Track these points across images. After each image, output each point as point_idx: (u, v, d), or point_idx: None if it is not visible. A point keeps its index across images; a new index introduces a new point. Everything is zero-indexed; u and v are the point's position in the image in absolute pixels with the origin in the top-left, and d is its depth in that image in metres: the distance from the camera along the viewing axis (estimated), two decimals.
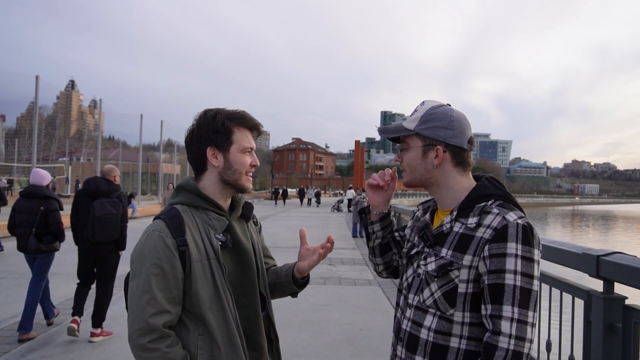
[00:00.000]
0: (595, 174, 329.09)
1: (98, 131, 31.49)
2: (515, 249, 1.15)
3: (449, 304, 1.22)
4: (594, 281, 2.28)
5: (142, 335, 1.32)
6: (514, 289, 1.13)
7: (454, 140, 1.30)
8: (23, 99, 20.81)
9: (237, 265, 1.50)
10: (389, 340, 1.41)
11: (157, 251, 1.36)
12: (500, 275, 1.15)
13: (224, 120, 1.48)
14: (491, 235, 1.18)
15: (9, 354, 4.14)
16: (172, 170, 34.30)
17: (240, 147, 1.49)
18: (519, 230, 1.16)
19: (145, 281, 1.35)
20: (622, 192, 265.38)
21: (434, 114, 1.31)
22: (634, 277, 2.01)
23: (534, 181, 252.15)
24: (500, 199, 1.26)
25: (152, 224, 1.44)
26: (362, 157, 47.50)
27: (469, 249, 1.21)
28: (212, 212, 1.49)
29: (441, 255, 1.26)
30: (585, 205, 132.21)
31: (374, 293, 6.83)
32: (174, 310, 1.37)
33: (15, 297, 6.13)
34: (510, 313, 1.12)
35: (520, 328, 1.12)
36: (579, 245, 2.48)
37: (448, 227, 1.28)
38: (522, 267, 1.14)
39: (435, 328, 1.24)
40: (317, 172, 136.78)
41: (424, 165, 1.33)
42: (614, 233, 37.80)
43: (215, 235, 1.46)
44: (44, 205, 4.75)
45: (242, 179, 1.51)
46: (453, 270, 1.22)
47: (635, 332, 2.04)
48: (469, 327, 1.21)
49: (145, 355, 1.32)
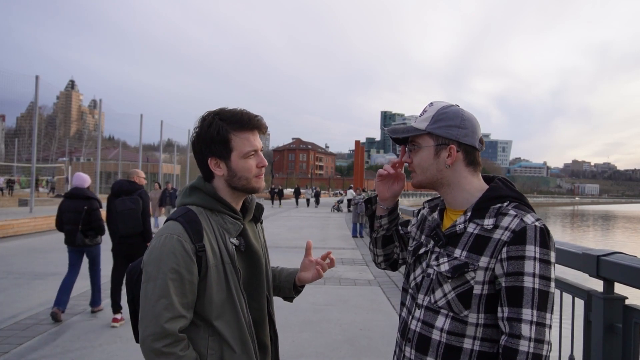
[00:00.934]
0: (595, 174, 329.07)
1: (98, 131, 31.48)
2: (534, 252, 1.15)
3: (464, 306, 1.21)
4: (594, 281, 2.28)
5: (156, 339, 1.31)
6: (533, 291, 1.13)
7: (466, 139, 1.29)
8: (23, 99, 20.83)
9: (249, 269, 1.49)
10: (389, 340, 1.42)
11: (176, 256, 1.33)
12: (519, 277, 1.14)
13: (220, 128, 1.41)
14: (509, 237, 1.17)
15: (9, 354, 4.13)
16: (172, 170, 34.28)
17: (241, 153, 1.43)
18: (537, 233, 1.16)
19: (163, 286, 1.32)
20: (622, 192, 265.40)
21: (445, 113, 1.30)
22: (634, 277, 2.01)
23: (534, 181, 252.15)
24: (515, 201, 1.25)
25: (168, 226, 1.39)
26: (362, 157, 47.48)
27: (486, 251, 1.19)
28: (228, 216, 1.46)
29: (454, 256, 1.24)
30: (585, 206, 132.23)
31: (374, 293, 6.82)
32: (189, 314, 1.36)
33: (15, 297, 6.13)
34: (529, 316, 1.12)
35: (539, 331, 1.12)
36: (579, 245, 2.48)
37: (462, 227, 1.26)
38: (540, 270, 1.14)
39: (448, 329, 1.22)
40: (317, 172, 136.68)
41: (436, 165, 1.31)
42: (614, 233, 37.80)
43: (230, 239, 1.44)
44: (87, 204, 5.37)
45: (251, 182, 1.46)
46: (469, 272, 1.20)
47: (635, 332, 2.04)
48: (483, 329, 1.20)
49: (159, 359, 1.31)
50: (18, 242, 11.47)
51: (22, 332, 4.71)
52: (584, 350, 2.29)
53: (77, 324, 5.04)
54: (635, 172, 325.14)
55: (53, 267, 8.13)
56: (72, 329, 4.84)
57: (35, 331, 4.73)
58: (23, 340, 4.48)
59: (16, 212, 16.78)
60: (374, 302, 6.29)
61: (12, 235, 12.33)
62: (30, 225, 13.36)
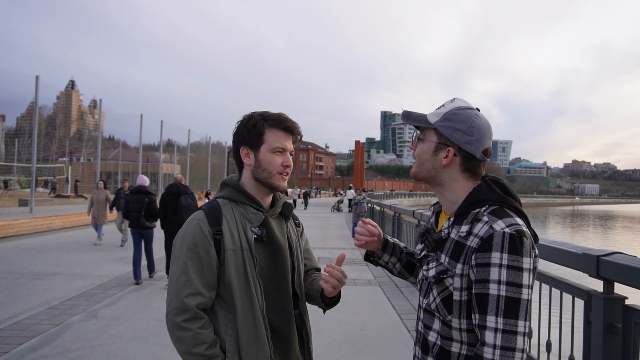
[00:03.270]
0: (595, 174, 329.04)
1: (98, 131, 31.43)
2: (499, 259, 1.12)
3: (447, 311, 1.22)
4: (594, 281, 2.28)
5: (177, 314, 1.43)
6: (498, 299, 1.11)
7: (468, 146, 1.27)
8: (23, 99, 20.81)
9: (270, 259, 1.55)
10: (389, 340, 1.42)
11: (194, 237, 1.47)
12: (485, 285, 1.13)
13: (257, 121, 1.56)
14: (477, 245, 1.16)
15: (9, 354, 4.13)
16: (172, 170, 34.27)
17: (270, 147, 1.55)
18: (506, 240, 1.13)
19: (183, 264, 1.46)
20: (622, 192, 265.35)
21: (457, 115, 1.28)
22: (634, 277, 2.01)
23: (534, 181, 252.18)
24: (495, 204, 1.23)
25: (194, 215, 1.55)
26: (362, 157, 47.50)
27: (461, 258, 1.20)
28: (250, 207, 1.56)
29: (440, 261, 1.26)
30: (585, 206, 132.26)
31: (374, 293, 6.83)
32: (208, 294, 1.46)
33: (15, 297, 6.13)
34: (494, 323, 1.11)
35: (507, 338, 1.09)
36: (579, 246, 2.48)
37: (446, 232, 1.27)
38: (507, 277, 1.11)
39: (441, 332, 1.25)
40: (317, 172, 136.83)
41: (433, 162, 1.31)
42: (614, 233, 37.79)
43: (251, 228, 1.53)
44: (147, 198, 7.40)
45: (273, 178, 1.56)
46: (447, 278, 1.22)
47: (635, 332, 2.04)
48: (467, 334, 1.20)
49: (179, 333, 1.42)
50: (18, 242, 11.47)
51: (22, 332, 4.71)
52: (584, 350, 2.29)
53: (77, 324, 5.03)
54: (635, 172, 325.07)
55: (53, 267, 8.14)
56: (72, 329, 4.83)
57: (35, 331, 4.73)
58: (23, 340, 4.48)
59: (16, 212, 16.76)
60: (374, 302, 6.29)
61: (12, 235, 12.32)
62: (30, 225, 13.36)
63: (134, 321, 5.12)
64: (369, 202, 16.48)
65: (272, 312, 1.53)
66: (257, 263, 1.51)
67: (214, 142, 40.34)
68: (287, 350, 1.56)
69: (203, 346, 1.41)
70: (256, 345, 1.46)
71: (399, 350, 4.49)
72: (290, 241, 1.65)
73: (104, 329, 4.84)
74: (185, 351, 1.43)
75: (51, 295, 6.14)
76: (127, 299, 6.09)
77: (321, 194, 73.44)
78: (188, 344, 1.42)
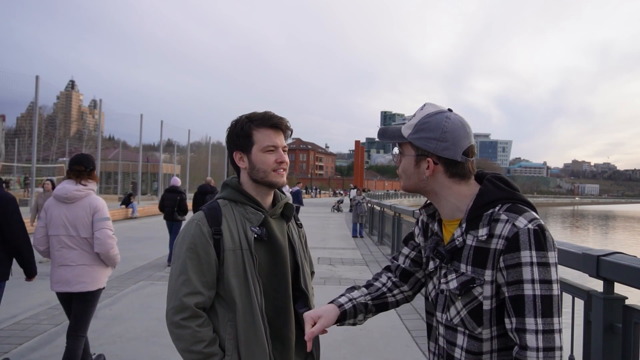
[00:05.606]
0: (595, 174, 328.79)
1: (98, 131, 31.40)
2: (529, 257, 1.10)
3: (476, 323, 1.18)
4: (594, 281, 2.28)
5: (176, 312, 1.45)
6: (534, 298, 1.09)
7: (445, 152, 1.22)
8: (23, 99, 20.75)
9: (270, 259, 1.56)
10: (389, 340, 1.42)
11: (194, 237, 1.49)
12: (519, 286, 1.10)
13: (244, 124, 1.58)
14: (504, 246, 1.13)
15: (9, 354, 4.14)
16: (172, 170, 34.26)
17: (260, 146, 1.57)
18: (531, 236, 1.11)
19: (182, 264, 1.48)
20: (622, 192, 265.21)
21: (427, 124, 1.24)
22: (634, 277, 2.01)
23: (534, 181, 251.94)
24: (507, 202, 1.19)
25: (194, 215, 1.58)
26: (362, 157, 47.54)
27: (487, 263, 1.16)
28: (250, 207, 1.58)
29: (461, 271, 1.21)
30: (585, 206, 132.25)
31: None
32: (207, 293, 1.48)
33: (15, 297, 6.11)
34: (533, 325, 1.08)
35: (547, 338, 1.08)
36: (579, 245, 2.48)
37: (460, 241, 1.22)
38: (539, 275, 1.09)
39: (467, 348, 1.20)
40: (317, 172, 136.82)
41: (417, 174, 1.28)
42: (614, 233, 37.78)
43: (251, 227, 1.54)
44: (179, 196, 9.13)
45: (269, 176, 1.58)
46: (476, 287, 1.17)
47: (635, 332, 2.04)
48: (498, 339, 1.18)
49: (178, 332, 1.44)
50: None
51: (22, 332, 4.72)
52: (584, 350, 2.29)
53: None
54: (635, 172, 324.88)
55: None
56: None
57: (35, 331, 4.73)
58: (23, 340, 4.49)
59: None
60: None
61: None
62: (30, 225, 13.35)
63: (134, 321, 5.12)
64: (368, 202, 16.49)
65: (271, 311, 1.54)
66: (257, 262, 1.52)
67: (214, 142, 40.30)
68: (286, 350, 1.56)
69: (202, 344, 1.43)
70: (255, 344, 1.47)
71: (399, 351, 4.48)
72: (292, 241, 1.65)
73: (104, 329, 4.85)
74: (185, 349, 1.44)
75: (51, 295, 6.11)
76: (127, 299, 6.09)
77: (321, 194, 73.45)
78: (187, 341, 1.43)
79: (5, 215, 3.37)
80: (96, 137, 31.42)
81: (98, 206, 3.38)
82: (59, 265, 3.36)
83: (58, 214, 3.33)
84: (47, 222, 3.38)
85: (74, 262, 3.32)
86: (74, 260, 3.32)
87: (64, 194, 3.33)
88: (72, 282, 3.31)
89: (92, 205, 3.37)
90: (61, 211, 3.33)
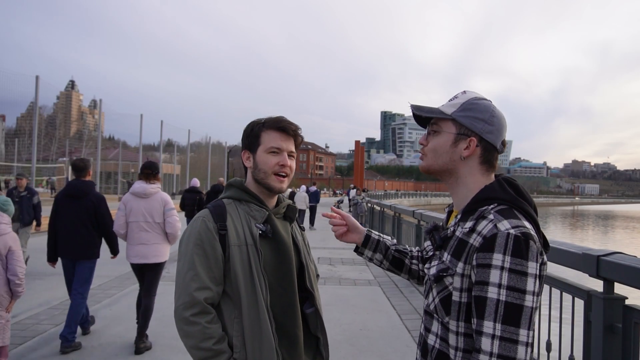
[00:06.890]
0: (595, 174, 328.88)
1: (98, 131, 31.42)
2: (501, 261, 1.05)
3: (445, 311, 1.16)
4: (594, 281, 2.28)
5: (186, 308, 1.45)
6: (498, 303, 1.03)
7: (489, 136, 1.21)
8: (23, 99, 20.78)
9: (275, 255, 1.58)
10: (389, 340, 1.42)
11: (200, 233, 1.51)
12: (484, 287, 1.06)
13: (255, 125, 1.64)
14: (479, 244, 1.09)
15: (9, 354, 4.13)
16: (172, 170, 34.27)
17: (265, 147, 1.60)
18: (510, 241, 1.05)
19: (190, 260, 1.49)
20: (622, 192, 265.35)
21: (476, 104, 1.23)
22: (634, 277, 2.01)
23: (534, 181, 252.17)
24: (504, 204, 1.16)
25: (200, 213, 1.60)
26: (362, 157, 47.51)
27: (462, 256, 1.13)
28: (254, 204, 1.61)
29: (443, 259, 1.20)
30: (585, 206, 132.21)
31: (374, 293, 6.82)
32: (215, 288, 1.49)
33: None
34: (491, 329, 1.03)
35: (505, 346, 1.01)
36: (579, 246, 2.48)
37: (451, 230, 1.21)
38: (509, 281, 1.03)
39: (440, 335, 1.19)
40: (317, 172, 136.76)
41: (451, 154, 1.24)
42: (614, 233, 37.77)
43: (256, 224, 1.57)
44: (198, 196, 10.23)
45: (269, 178, 1.60)
46: (447, 277, 1.16)
47: (635, 332, 2.04)
48: (464, 338, 1.13)
49: (187, 328, 1.44)
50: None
51: (22, 332, 4.71)
52: (584, 350, 2.29)
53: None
54: (635, 172, 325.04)
55: (53, 267, 8.12)
56: None
57: (35, 331, 4.73)
58: (23, 340, 4.48)
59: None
60: (374, 302, 6.29)
61: None
62: None
63: (134, 321, 5.11)
64: (368, 202, 16.48)
65: (277, 307, 1.54)
66: (262, 258, 1.53)
67: (214, 142, 40.36)
68: (294, 347, 1.56)
69: (211, 341, 1.43)
70: (260, 339, 1.48)
71: (399, 351, 4.48)
72: (296, 241, 1.67)
73: (104, 329, 4.85)
74: (193, 346, 1.43)
75: (51, 295, 6.14)
76: (127, 299, 6.08)
77: (321, 194, 73.43)
78: (196, 338, 1.42)
79: (101, 209, 4.48)
80: (96, 137, 31.43)
81: (167, 200, 4.51)
82: (137, 244, 4.35)
83: (137, 206, 4.37)
84: (126, 213, 4.38)
85: (149, 241, 4.35)
86: (149, 240, 4.35)
87: (142, 191, 4.38)
88: (149, 256, 4.34)
89: (163, 199, 4.48)
90: (140, 204, 4.38)
